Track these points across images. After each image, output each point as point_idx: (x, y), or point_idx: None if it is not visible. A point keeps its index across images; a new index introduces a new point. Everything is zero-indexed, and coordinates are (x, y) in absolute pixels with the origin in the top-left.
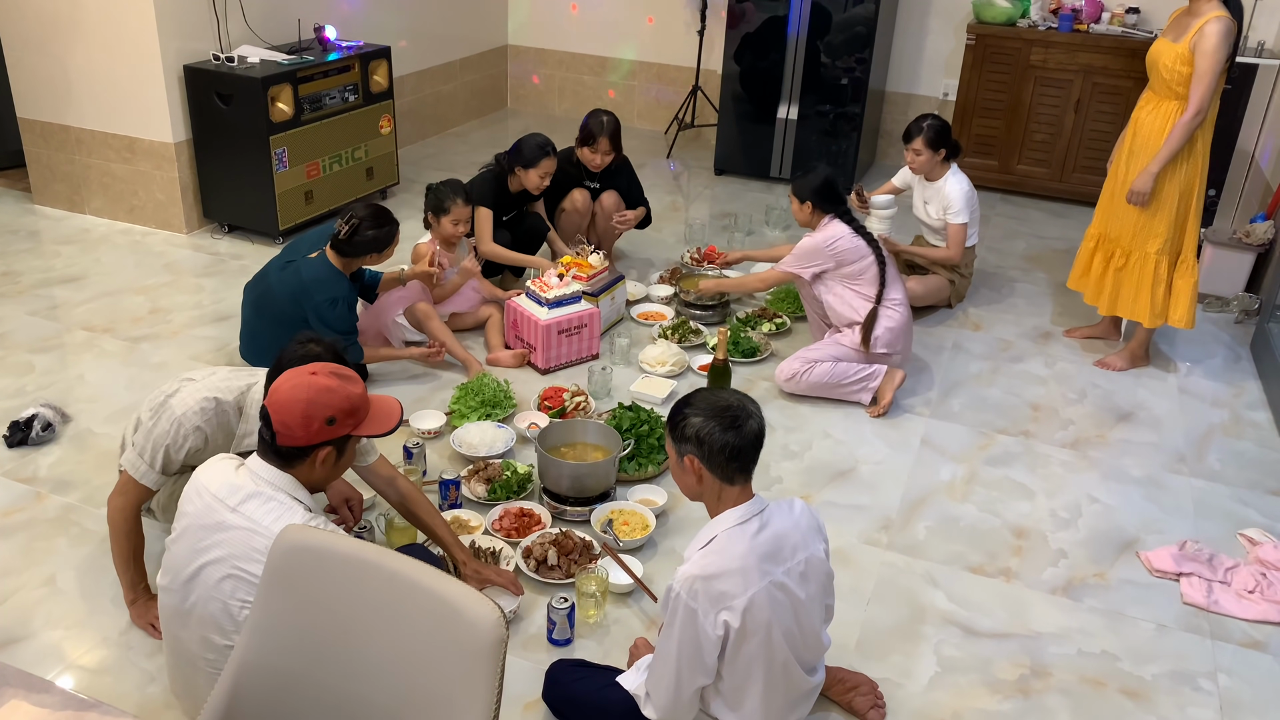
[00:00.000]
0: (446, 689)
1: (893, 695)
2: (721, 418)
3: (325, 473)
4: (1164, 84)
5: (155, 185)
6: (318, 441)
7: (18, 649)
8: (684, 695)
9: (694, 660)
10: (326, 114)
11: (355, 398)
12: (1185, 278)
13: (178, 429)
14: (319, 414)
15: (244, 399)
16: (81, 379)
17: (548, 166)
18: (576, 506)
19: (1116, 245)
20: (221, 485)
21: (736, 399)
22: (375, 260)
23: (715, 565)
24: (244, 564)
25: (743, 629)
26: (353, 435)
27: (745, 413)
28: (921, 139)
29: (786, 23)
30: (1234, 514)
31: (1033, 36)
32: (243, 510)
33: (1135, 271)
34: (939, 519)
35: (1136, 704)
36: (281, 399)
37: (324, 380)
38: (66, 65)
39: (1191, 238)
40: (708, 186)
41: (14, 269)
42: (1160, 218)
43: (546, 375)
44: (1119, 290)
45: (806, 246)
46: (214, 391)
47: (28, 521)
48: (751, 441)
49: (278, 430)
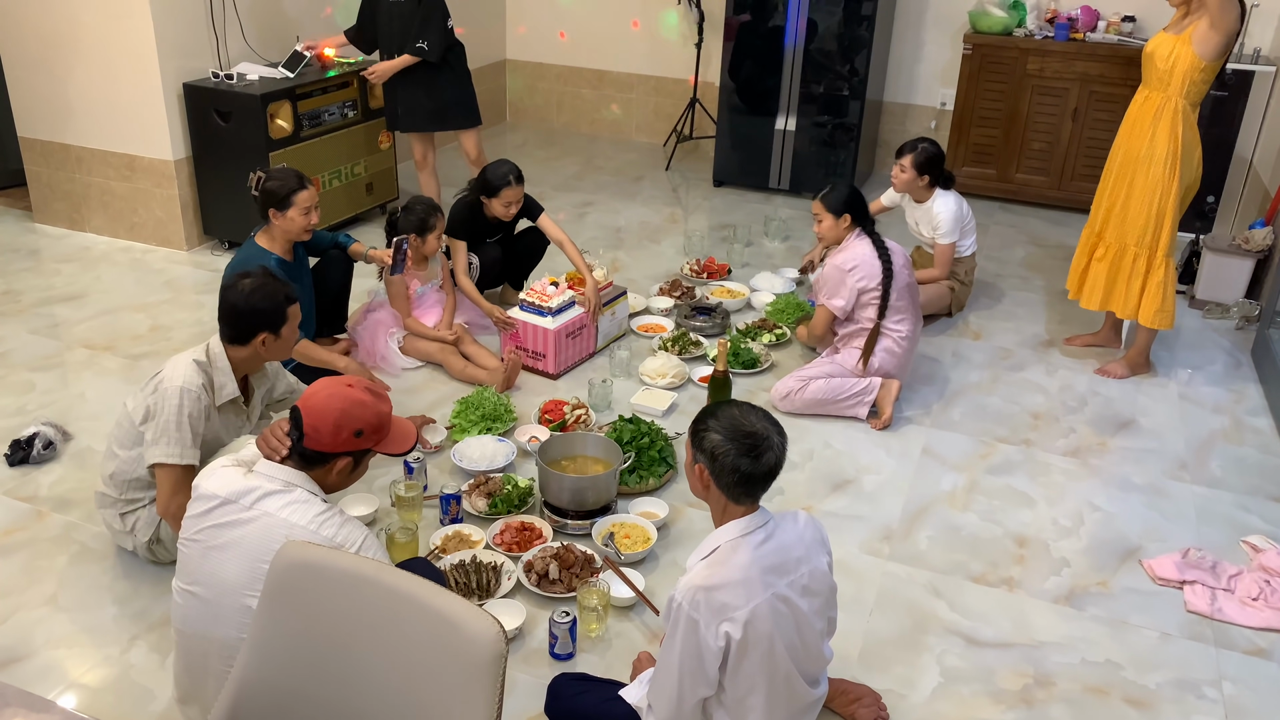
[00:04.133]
0: (446, 704)
1: (896, 706)
2: (741, 443)
3: (338, 482)
4: (1159, 76)
5: (155, 203)
6: (341, 451)
7: (19, 668)
8: (685, 706)
9: (696, 671)
10: (326, 130)
11: (384, 415)
12: (1156, 272)
13: (185, 394)
14: (350, 425)
15: (207, 354)
16: (82, 397)
17: (510, 195)
18: (578, 520)
19: (1100, 239)
20: (233, 488)
21: (762, 425)
22: (279, 218)
23: (718, 576)
24: (265, 558)
25: (744, 641)
26: (372, 450)
27: (767, 444)
28: (910, 158)
29: (783, 34)
30: (1236, 521)
31: (1029, 45)
32: (259, 507)
33: (1114, 263)
34: (940, 528)
35: (1140, 713)
36: (317, 404)
37: (359, 394)
38: (66, 84)
39: (1166, 236)
40: (706, 198)
41: (14, 287)
42: (1141, 210)
43: (557, 379)
44: (1097, 280)
45: (832, 277)
46: (189, 355)
47: (29, 540)
48: (765, 473)
49: (307, 432)
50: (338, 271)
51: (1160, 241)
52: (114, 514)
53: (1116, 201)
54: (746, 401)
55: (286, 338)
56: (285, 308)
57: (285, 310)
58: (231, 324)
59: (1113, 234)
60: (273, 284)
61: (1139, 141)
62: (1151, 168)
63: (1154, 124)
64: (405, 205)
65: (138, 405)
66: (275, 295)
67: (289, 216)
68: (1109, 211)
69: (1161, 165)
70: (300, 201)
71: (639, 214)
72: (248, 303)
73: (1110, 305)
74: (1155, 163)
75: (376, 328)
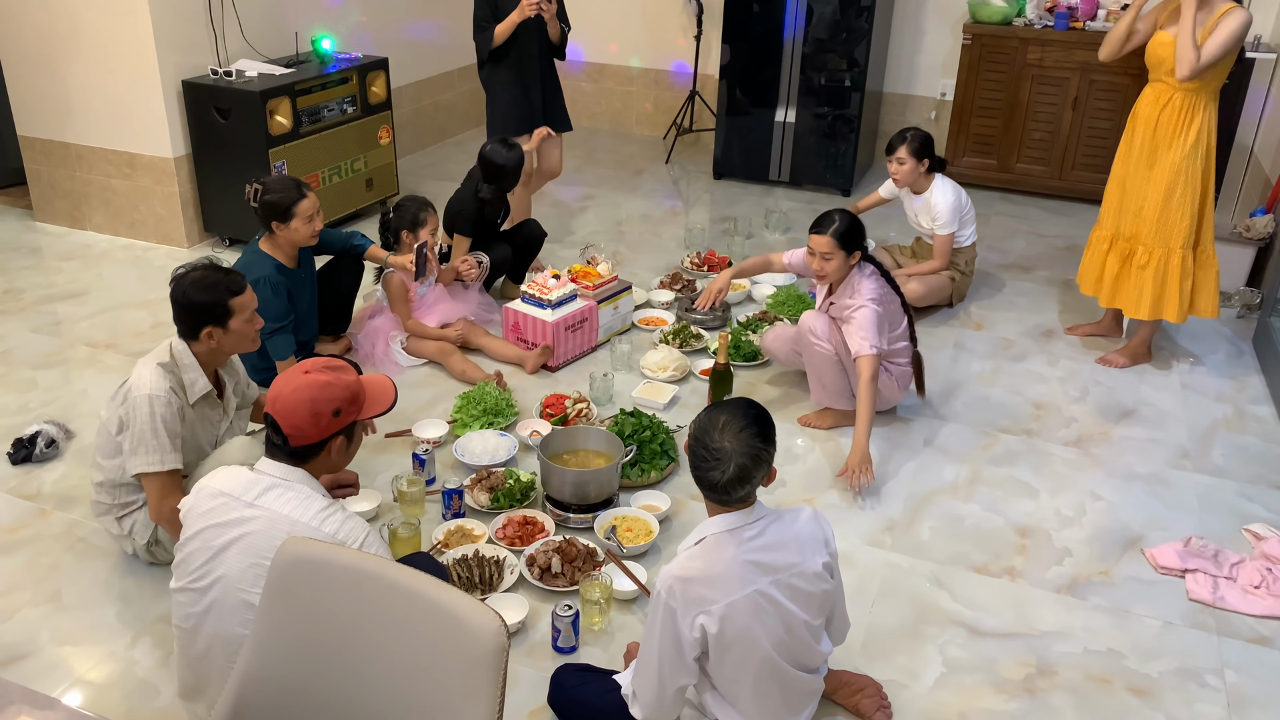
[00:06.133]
0: (448, 698)
1: (898, 697)
2: (696, 454)
3: (340, 460)
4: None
5: (156, 200)
6: (329, 434)
7: (23, 665)
8: (667, 694)
9: (675, 660)
10: (325, 126)
11: (353, 385)
12: (1206, 268)
13: (154, 401)
14: (325, 409)
15: (171, 354)
16: (85, 394)
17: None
18: (580, 513)
19: (1136, 244)
20: (236, 485)
21: (726, 440)
22: (282, 229)
23: (698, 568)
24: (267, 554)
25: (721, 635)
26: (358, 420)
27: (717, 464)
28: (906, 148)
29: (783, 26)
30: (1239, 509)
31: (1029, 35)
32: (260, 503)
33: (1161, 270)
34: (943, 519)
35: (1143, 701)
36: (286, 404)
37: (320, 376)
38: (66, 82)
39: (1208, 227)
40: (707, 191)
41: (16, 286)
42: (1183, 212)
43: (557, 371)
44: (1143, 290)
45: (869, 320)
46: (153, 359)
47: (32, 538)
48: (725, 485)
49: (290, 434)
50: (348, 276)
51: (1205, 235)
52: (111, 520)
53: (1148, 205)
54: (744, 401)
55: (236, 330)
56: (226, 300)
57: (227, 303)
58: (177, 319)
59: (1153, 239)
60: (213, 276)
61: (1168, 141)
62: (1188, 168)
63: (1180, 120)
64: (396, 204)
65: (111, 416)
66: (214, 288)
67: (292, 227)
68: (1140, 217)
69: (1201, 160)
70: (302, 211)
71: (640, 207)
72: (185, 297)
73: (1165, 314)
74: (1191, 160)
75: (376, 334)
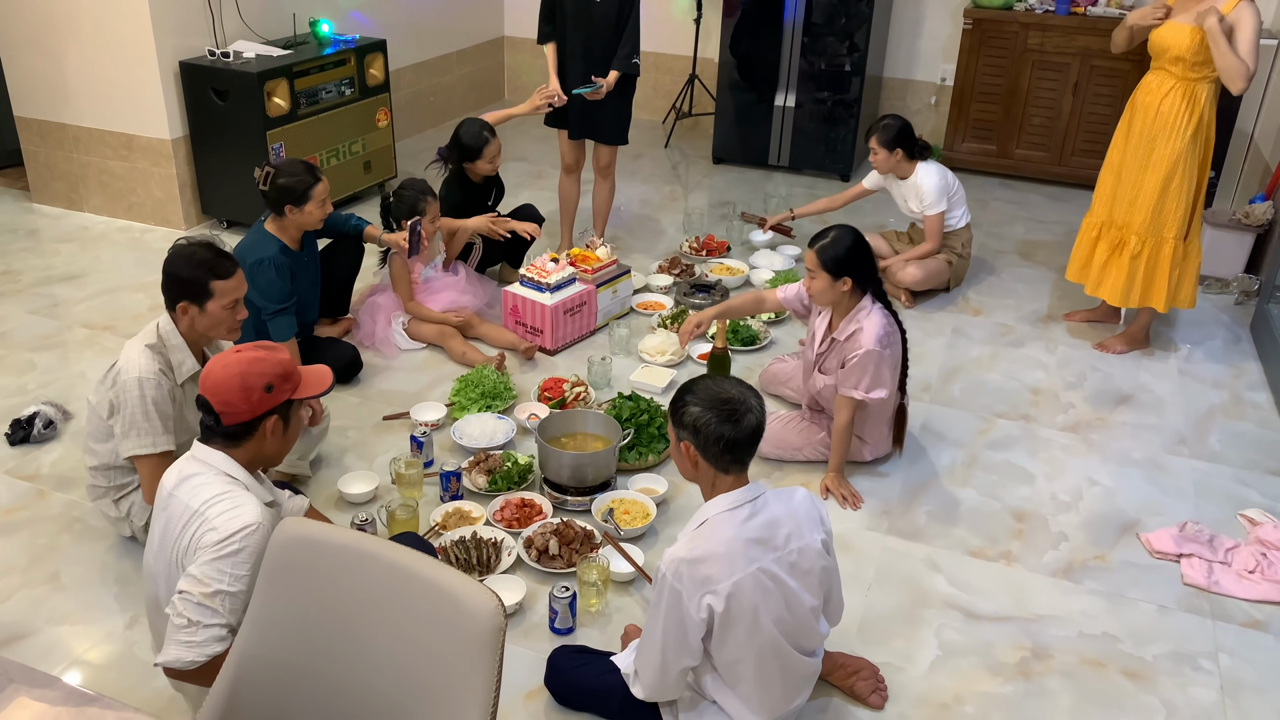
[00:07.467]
0: (446, 677)
1: (894, 679)
2: (720, 409)
3: (277, 444)
4: (1183, 66)
5: (153, 182)
6: (262, 412)
7: (23, 645)
8: (670, 675)
9: (679, 642)
10: (323, 108)
11: (286, 363)
12: (1192, 259)
13: (143, 384)
14: (256, 383)
15: (158, 335)
16: (83, 376)
17: (491, 150)
18: (577, 496)
19: (1128, 232)
20: (166, 478)
21: (738, 391)
22: (295, 213)
23: (702, 549)
24: (171, 543)
25: (727, 613)
26: (294, 400)
27: (745, 406)
28: (876, 139)
29: (783, 9)
30: (1234, 495)
31: (1030, 20)
32: (176, 493)
33: (1151, 259)
34: (939, 504)
35: (1138, 685)
36: (216, 380)
37: (251, 353)
38: (63, 64)
39: (1197, 218)
40: (706, 175)
41: (14, 268)
42: (1179, 202)
43: (555, 355)
44: (1134, 279)
45: (873, 359)
46: (140, 341)
47: (31, 519)
48: (748, 436)
49: (221, 411)
50: (350, 257)
51: (1193, 226)
52: (108, 502)
53: (1143, 194)
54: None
55: (213, 313)
56: (207, 280)
57: (208, 283)
58: (162, 287)
59: (1146, 228)
60: (203, 254)
61: (1168, 130)
62: (1187, 158)
63: (1182, 109)
64: (396, 191)
65: (101, 400)
66: (200, 266)
67: (306, 211)
68: (1133, 205)
69: (1200, 151)
70: (317, 195)
71: (638, 191)
72: (170, 267)
73: (1152, 302)
74: (1190, 150)
75: (377, 311)
